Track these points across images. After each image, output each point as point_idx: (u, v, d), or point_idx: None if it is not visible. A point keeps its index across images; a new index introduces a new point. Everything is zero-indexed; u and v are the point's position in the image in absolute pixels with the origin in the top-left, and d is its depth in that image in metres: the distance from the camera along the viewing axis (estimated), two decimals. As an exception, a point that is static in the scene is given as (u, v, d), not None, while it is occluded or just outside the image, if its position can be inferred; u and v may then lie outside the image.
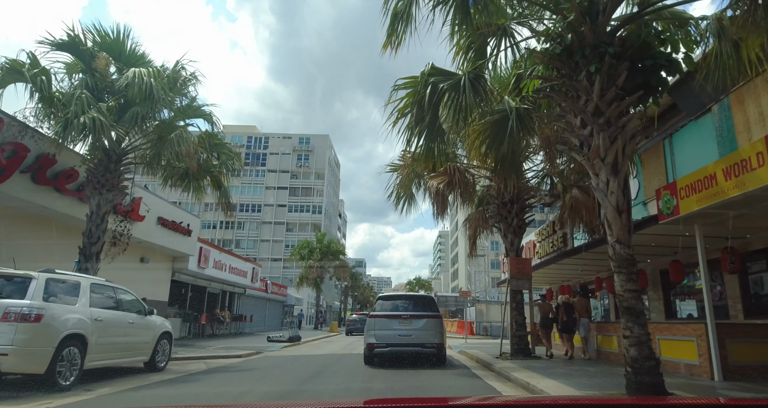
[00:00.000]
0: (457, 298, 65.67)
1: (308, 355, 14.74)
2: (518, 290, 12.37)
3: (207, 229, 67.26)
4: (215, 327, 24.77)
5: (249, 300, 31.81)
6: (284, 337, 20.30)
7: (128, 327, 8.83)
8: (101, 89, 11.83)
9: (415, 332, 10.72)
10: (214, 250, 23.03)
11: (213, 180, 14.10)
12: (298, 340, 20.80)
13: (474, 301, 33.85)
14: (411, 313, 10.99)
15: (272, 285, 36.42)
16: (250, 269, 28.50)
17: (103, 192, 12.04)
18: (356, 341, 22.39)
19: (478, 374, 9.72)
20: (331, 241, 43.51)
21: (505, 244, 12.97)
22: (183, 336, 21.37)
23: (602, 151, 6.09)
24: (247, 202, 68.94)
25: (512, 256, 12.51)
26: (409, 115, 8.11)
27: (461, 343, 21.55)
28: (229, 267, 25.24)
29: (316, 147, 71.30)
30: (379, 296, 12.83)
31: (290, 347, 18.12)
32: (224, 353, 14.07)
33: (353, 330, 31.77)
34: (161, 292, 19.77)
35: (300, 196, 69.10)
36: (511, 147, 8.64)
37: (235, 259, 26.46)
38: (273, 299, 37.12)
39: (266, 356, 14.24)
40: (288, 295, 41.41)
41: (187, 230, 19.26)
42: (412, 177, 12.76)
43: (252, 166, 70.51)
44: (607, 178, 6.09)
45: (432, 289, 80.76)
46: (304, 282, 42.74)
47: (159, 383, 8.32)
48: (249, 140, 71.54)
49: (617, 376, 6.97)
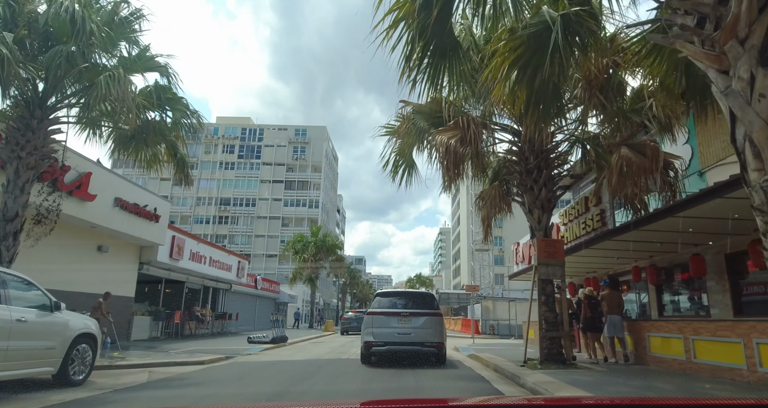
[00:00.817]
0: (459, 295, 63.15)
1: (287, 360, 12.21)
2: (548, 280, 9.80)
3: (199, 224, 64.88)
4: (195, 326, 22.26)
5: (236, 297, 29.30)
6: (267, 338, 17.80)
7: (15, 327, 6.29)
8: (18, 20, 9.26)
9: (414, 330, 10.29)
10: (190, 240, 20.50)
11: (168, 146, 11.48)
12: (283, 341, 18.29)
13: (480, 297, 31.34)
14: (410, 311, 10.53)
15: (262, 281, 33.90)
16: (236, 263, 25.98)
17: (23, 155, 9.52)
18: (350, 342, 19.88)
19: (503, 391, 7.20)
20: (326, 235, 41.02)
21: (530, 223, 10.41)
22: (154, 337, 18.86)
23: (743, 27, 3.54)
24: (241, 196, 66.43)
25: (540, 237, 9.95)
26: (407, 30, 5.57)
27: (468, 343, 19.02)
28: (210, 260, 22.71)
29: (313, 139, 68.72)
30: (377, 293, 12.12)
31: (271, 350, 15.59)
32: (184, 359, 11.53)
33: (349, 329, 29.26)
34: (126, 286, 17.26)
35: (296, 189, 66.54)
36: (551, 76, 6.09)
37: (217, 251, 23.93)
38: (264, 296, 34.62)
39: (235, 362, 11.70)
40: (281, 292, 38.90)
41: (154, 215, 16.72)
42: (413, 135, 10.21)
43: (246, 159, 67.97)
44: (751, 72, 3.54)
45: (433, 287, 78.28)
46: (298, 278, 40.27)
47: (57, 407, 5.82)
48: (243, 132, 68.98)
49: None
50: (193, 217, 65.14)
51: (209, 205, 65.85)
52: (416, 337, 10.28)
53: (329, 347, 17.13)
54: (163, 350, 13.95)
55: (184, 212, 65.10)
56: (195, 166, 67.48)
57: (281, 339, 18.27)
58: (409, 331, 10.28)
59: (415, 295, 11.93)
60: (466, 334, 29.97)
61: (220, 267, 23.89)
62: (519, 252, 17.84)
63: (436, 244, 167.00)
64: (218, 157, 67.77)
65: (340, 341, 21.16)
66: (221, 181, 66.82)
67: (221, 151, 68.10)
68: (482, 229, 12.33)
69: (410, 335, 10.27)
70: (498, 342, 21.16)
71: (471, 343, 19.52)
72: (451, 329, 39.53)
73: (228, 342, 18.25)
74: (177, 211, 64.35)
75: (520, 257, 17.56)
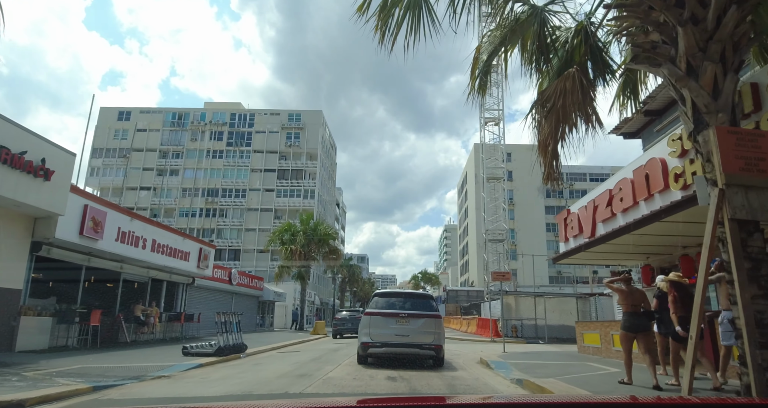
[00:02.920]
0: (469, 292, 57.57)
1: (194, 396, 6.86)
2: (750, 223, 4.28)
3: (185, 218, 59.78)
4: (135, 330, 16.99)
5: (202, 293, 24.01)
6: (211, 348, 12.51)
7: None
8: None
9: (412, 332, 10.11)
10: (116, 214, 15.21)
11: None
12: (238, 350, 13.00)
13: (498, 293, 25.91)
14: (409, 312, 10.39)
15: (239, 275, 28.56)
16: (195, 250, 20.66)
17: None
18: (332, 351, 14.58)
19: None
20: (318, 224, 35.68)
21: (690, 97, 4.88)
22: (60, 345, 13.52)
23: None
24: (230, 187, 61.13)
25: (718, 124, 4.47)
26: None
27: (497, 352, 13.62)
28: (155, 244, 17.42)
29: (308, 124, 63.28)
30: (375, 293, 11.97)
31: (201, 369, 10.27)
32: (18, 393, 6.22)
33: (342, 331, 24.80)
34: (8, 274, 12.01)
35: (290, 179, 61.12)
36: None
37: (165, 233, 18.59)
38: (242, 293, 29.31)
39: (97, 401, 6.39)
40: (265, 288, 33.57)
41: (42, 169, 11.44)
42: None
43: (236, 147, 62.70)
44: None
45: (440, 284, 72.81)
46: (286, 273, 34.92)
47: None
48: (233, 118, 63.65)
49: None
50: (178, 210, 59.91)
51: (196, 197, 60.60)
52: (414, 339, 10.11)
53: (296, 362, 11.74)
54: (28, 370, 8.67)
55: (169, 204, 59.93)
56: (180, 154, 62.36)
57: (235, 348, 12.97)
58: (407, 333, 10.11)
59: (414, 296, 11.54)
60: (484, 338, 24.53)
61: (172, 254, 18.58)
62: (571, 223, 12.44)
63: (441, 241, 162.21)
64: (205, 145, 62.50)
65: (322, 349, 15.80)
66: (209, 171, 61.57)
67: (208, 139, 62.84)
68: (542, 162, 6.97)
69: (408, 337, 10.10)
70: (534, 349, 15.75)
71: (500, 351, 14.13)
72: (463, 331, 34.04)
73: (158, 354, 12.98)
74: (161, 204, 59.22)
75: (573, 229, 12.17)
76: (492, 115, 44.16)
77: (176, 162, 61.62)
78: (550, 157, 6.92)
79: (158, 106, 69.16)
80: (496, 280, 14.62)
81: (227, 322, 12.93)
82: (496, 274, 14.64)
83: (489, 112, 44.33)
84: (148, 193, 60.49)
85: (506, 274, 14.29)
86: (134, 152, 61.49)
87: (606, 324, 10.99)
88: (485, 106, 44.15)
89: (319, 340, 22.98)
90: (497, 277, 14.44)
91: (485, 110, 44.14)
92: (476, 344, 20.14)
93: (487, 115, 44.11)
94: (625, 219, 9.53)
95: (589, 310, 23.94)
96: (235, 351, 12.89)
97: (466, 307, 46.71)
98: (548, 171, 6.97)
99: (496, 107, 44.36)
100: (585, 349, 12.18)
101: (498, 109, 44.16)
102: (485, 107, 44.11)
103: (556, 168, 6.98)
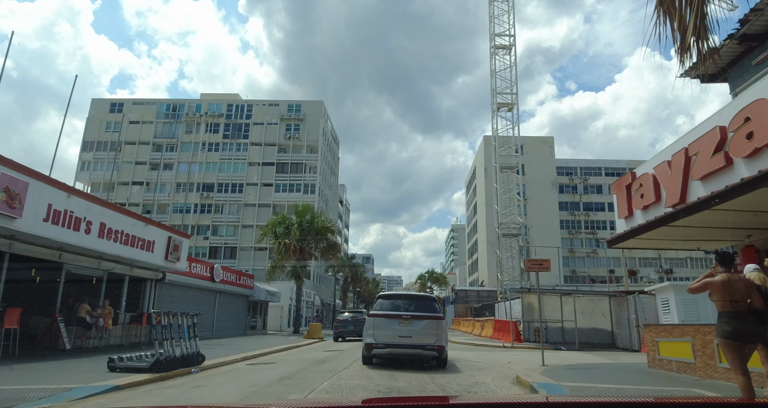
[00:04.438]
0: (479, 292, 53.98)
1: None
2: None
3: (179, 214, 56.78)
4: (76, 334, 13.80)
5: (175, 291, 20.79)
6: (146, 361, 9.24)
7: None
8: None
9: (415, 333, 10.29)
10: (44, 187, 11.95)
11: None
12: (190, 363, 9.74)
13: (521, 289, 22.50)
14: (412, 314, 10.55)
15: (224, 271, 25.32)
16: (162, 239, 17.41)
17: None
18: (322, 361, 11.28)
19: None
20: (315, 216, 32.42)
21: None
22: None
23: None
24: (226, 181, 57.95)
25: None
26: None
27: (529, 363, 10.22)
28: (104, 228, 14.18)
29: (308, 115, 60.01)
30: (379, 295, 11.73)
31: (119, 392, 7.10)
32: None
33: (344, 333, 23.12)
34: None
35: (289, 173, 57.83)
36: None
37: (119, 215, 15.32)
38: (228, 292, 26.07)
39: None
40: (255, 287, 30.30)
41: None
42: None
43: (233, 139, 59.58)
44: None
45: (447, 284, 69.31)
46: (279, 270, 31.68)
47: None
48: (229, 109, 60.51)
49: None
50: (171, 206, 56.84)
51: (190, 192, 57.48)
52: (417, 340, 10.23)
53: (257, 382, 8.38)
54: None
55: (162, 200, 56.90)
56: (174, 147, 59.35)
57: (184, 361, 9.69)
58: (410, 334, 10.25)
59: (418, 298, 11.54)
60: (503, 342, 21.11)
61: (129, 242, 15.33)
62: (640, 189, 9.04)
63: (448, 242, 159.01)
64: (201, 138, 59.39)
65: (305, 360, 12.45)
66: (204, 165, 58.42)
67: (204, 131, 59.72)
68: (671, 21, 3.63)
69: (411, 338, 10.22)
70: (577, 359, 12.31)
71: (535, 363, 10.72)
72: (476, 334, 30.54)
73: (79, 367, 9.74)
74: (154, 199, 56.20)
75: (645, 198, 8.78)
76: (505, 100, 40.76)
77: (170, 155, 58.60)
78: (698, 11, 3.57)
79: (152, 97, 66.07)
80: (530, 269, 11.20)
81: (172, 325, 9.63)
82: (530, 262, 11.24)
83: (501, 96, 40.92)
84: (140, 189, 57.50)
85: (544, 261, 10.92)
86: (126, 145, 58.53)
87: (704, 329, 7.60)
88: (497, 88, 40.76)
89: (311, 345, 19.67)
90: (532, 265, 11.04)
91: (497, 94, 40.76)
92: (497, 351, 16.76)
93: (500, 99, 40.73)
94: (752, 167, 6.14)
95: (627, 311, 20.47)
96: (184, 364, 9.62)
97: (477, 307, 43.22)
98: (689, 35, 3.61)
99: (509, 91, 40.94)
100: (663, 364, 8.77)
101: (511, 93, 40.75)
102: (497, 91, 40.73)
103: (700, 28, 3.62)
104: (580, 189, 69.67)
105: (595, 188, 69.87)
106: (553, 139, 67.83)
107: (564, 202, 67.50)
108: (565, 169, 69.27)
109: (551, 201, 63.92)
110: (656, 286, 19.83)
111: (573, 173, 69.88)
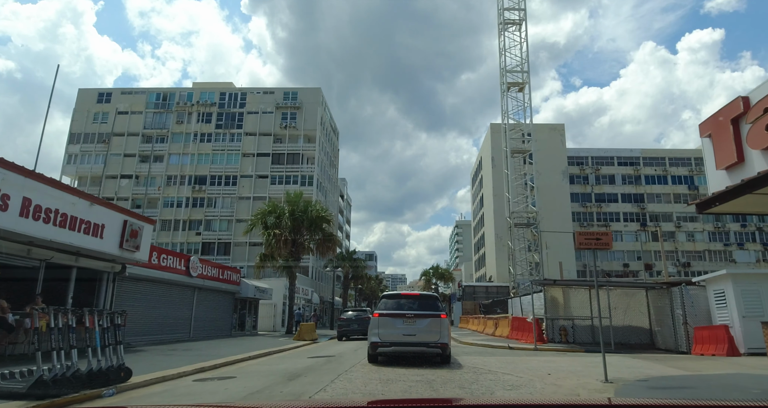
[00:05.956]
0: (488, 288, 50.93)
1: None
2: None
3: (170, 208, 53.90)
4: (-7, 340, 10.85)
5: (140, 287, 17.82)
6: (25, 380, 6.24)
7: None
8: None
9: (419, 332, 10.55)
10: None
11: None
12: (105, 382, 6.78)
13: (544, 282, 19.40)
14: (415, 313, 10.79)
15: (202, 264, 22.34)
16: (117, 223, 14.42)
17: None
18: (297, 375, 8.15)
19: None
20: (308, 204, 29.45)
21: None
22: None
23: None
24: (219, 174, 54.97)
25: None
26: None
27: (579, 377, 7.15)
28: (30, 205, 11.20)
29: (305, 103, 56.95)
30: (383, 295, 12.24)
31: None
32: None
33: (348, 332, 22.91)
34: None
35: (285, 164, 54.80)
36: None
37: (51, 189, 12.27)
38: (209, 288, 23.08)
39: None
40: (243, 283, 27.30)
41: None
42: None
43: (226, 129, 56.59)
44: None
45: (453, 280, 66.20)
46: (270, 264, 28.71)
47: None
48: (222, 97, 57.49)
49: None
50: (162, 200, 53.94)
51: (182, 185, 54.55)
52: (421, 338, 10.46)
53: None
54: None
55: (152, 194, 54.03)
56: (165, 139, 56.42)
57: (95, 378, 6.70)
58: (414, 332, 10.46)
59: (421, 297, 11.74)
60: (526, 344, 17.96)
61: (66, 224, 12.35)
62: (763, 120, 5.94)
63: (452, 238, 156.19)
64: (192, 128, 56.41)
65: (278, 373, 9.41)
66: (196, 156, 55.45)
67: (196, 121, 56.71)
68: None
69: (415, 336, 10.44)
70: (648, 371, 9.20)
71: (594, 379, 7.65)
72: (488, 333, 27.40)
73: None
74: (144, 193, 53.33)
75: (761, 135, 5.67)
76: (515, 79, 37.60)
77: (160, 147, 55.68)
78: None
79: (141, 87, 63.19)
80: (583, 246, 8.10)
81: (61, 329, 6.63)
82: (583, 237, 8.12)
83: (511, 75, 37.75)
84: (129, 182, 54.65)
85: (603, 235, 7.83)
86: (115, 137, 55.68)
87: None
88: (506, 67, 37.61)
89: (297, 350, 16.66)
90: (587, 241, 7.91)
91: (507, 73, 37.59)
92: (523, 356, 13.67)
93: (510, 78, 37.55)
94: None
95: (671, 305, 17.37)
96: (91, 384, 6.62)
97: (486, 304, 40.18)
98: None
99: (519, 69, 37.77)
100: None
101: (522, 71, 37.57)
102: (507, 69, 37.56)
103: None
104: (591, 179, 66.37)
105: (607, 178, 66.56)
106: (563, 127, 64.51)
107: (575, 193, 64.23)
108: (575, 158, 65.96)
109: (563, 191, 60.67)
110: (709, 276, 16.69)
111: (584, 163, 66.56)
